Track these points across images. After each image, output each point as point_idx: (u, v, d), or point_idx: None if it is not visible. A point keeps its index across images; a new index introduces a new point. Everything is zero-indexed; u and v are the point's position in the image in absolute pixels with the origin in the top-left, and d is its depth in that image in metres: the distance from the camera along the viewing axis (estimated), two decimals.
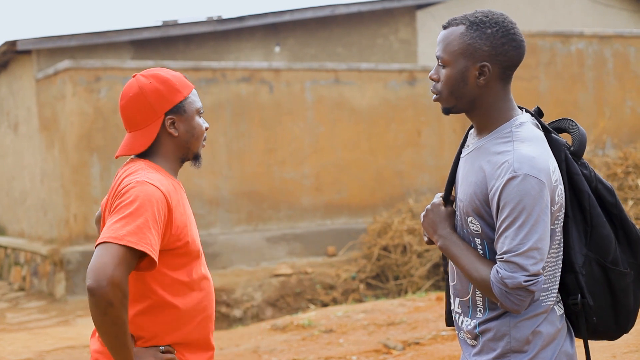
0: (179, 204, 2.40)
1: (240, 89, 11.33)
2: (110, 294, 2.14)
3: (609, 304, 2.17)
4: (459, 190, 2.21)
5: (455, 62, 2.15)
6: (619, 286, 2.16)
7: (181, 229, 2.38)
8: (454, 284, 2.26)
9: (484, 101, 2.17)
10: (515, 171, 2.03)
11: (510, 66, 2.15)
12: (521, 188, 2.02)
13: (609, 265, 2.15)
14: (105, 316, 2.16)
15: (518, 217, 2.02)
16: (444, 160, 12.30)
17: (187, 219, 2.44)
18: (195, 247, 2.45)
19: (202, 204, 11.06)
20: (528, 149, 2.07)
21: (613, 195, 2.20)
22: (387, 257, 10.48)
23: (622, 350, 4.83)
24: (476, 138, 2.23)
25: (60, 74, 10.75)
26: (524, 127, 2.14)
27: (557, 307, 2.17)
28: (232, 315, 9.92)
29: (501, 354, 2.13)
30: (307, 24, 13.39)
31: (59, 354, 7.32)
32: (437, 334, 6.30)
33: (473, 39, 2.13)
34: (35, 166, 12.03)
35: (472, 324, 2.19)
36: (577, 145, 2.18)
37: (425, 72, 12.41)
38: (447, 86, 2.17)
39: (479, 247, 2.15)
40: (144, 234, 2.22)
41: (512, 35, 2.13)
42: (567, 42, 12.44)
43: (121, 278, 2.16)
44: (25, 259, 12.05)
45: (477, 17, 2.15)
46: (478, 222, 2.13)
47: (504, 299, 2.04)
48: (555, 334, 2.14)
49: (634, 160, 9.91)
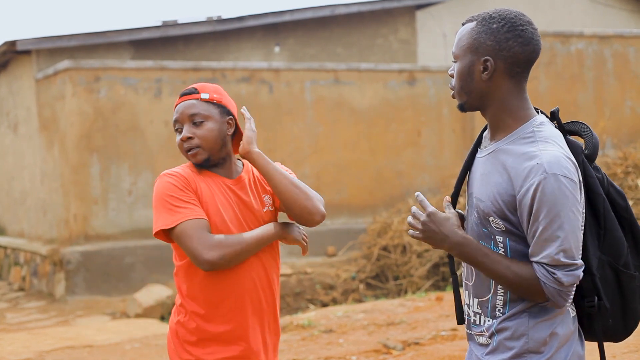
0: (204, 190, 2.66)
1: (240, 89, 11.33)
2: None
3: (619, 307, 2.18)
4: (478, 191, 2.19)
5: (463, 57, 2.17)
6: (629, 289, 2.17)
7: (201, 202, 2.64)
8: (473, 284, 2.25)
9: (493, 97, 2.16)
10: (547, 172, 2.02)
11: (516, 62, 2.13)
12: (555, 188, 2.02)
13: (620, 268, 2.16)
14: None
15: (554, 218, 2.02)
16: (443, 160, 12.29)
17: (209, 202, 2.65)
18: (213, 229, 2.62)
19: None
20: (554, 148, 2.07)
21: (624, 199, 2.20)
22: (386, 257, 10.48)
23: (622, 350, 4.83)
24: (493, 139, 2.21)
25: (60, 74, 10.75)
26: (545, 127, 2.13)
27: (571, 309, 2.18)
28: None
29: (518, 353, 2.14)
30: (307, 24, 13.39)
31: (58, 354, 7.32)
32: (436, 334, 6.30)
33: (479, 33, 2.14)
34: (35, 166, 12.03)
35: (491, 323, 2.19)
36: (591, 149, 2.17)
37: (424, 72, 12.41)
38: (457, 81, 2.19)
39: (500, 243, 2.15)
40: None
41: (518, 31, 2.12)
42: (567, 42, 12.44)
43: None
44: (25, 259, 12.05)
45: (489, 13, 2.16)
46: (501, 221, 2.13)
47: (557, 298, 2.07)
48: (569, 335, 2.16)
49: (633, 160, 9.91)
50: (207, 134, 2.67)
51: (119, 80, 10.71)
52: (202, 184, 2.66)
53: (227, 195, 2.69)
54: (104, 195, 10.65)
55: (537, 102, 12.20)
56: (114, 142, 10.68)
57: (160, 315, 9.60)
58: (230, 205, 2.68)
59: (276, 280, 2.78)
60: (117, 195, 10.70)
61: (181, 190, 2.60)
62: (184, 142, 2.67)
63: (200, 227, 2.55)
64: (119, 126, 10.71)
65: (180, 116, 2.69)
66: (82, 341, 7.86)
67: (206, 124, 2.67)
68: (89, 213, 10.57)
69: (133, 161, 10.77)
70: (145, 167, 10.82)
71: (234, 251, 2.56)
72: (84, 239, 10.57)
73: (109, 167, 10.66)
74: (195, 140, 2.66)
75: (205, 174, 2.70)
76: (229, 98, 2.79)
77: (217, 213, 2.63)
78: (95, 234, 10.61)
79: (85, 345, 7.62)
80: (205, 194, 2.64)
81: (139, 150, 10.79)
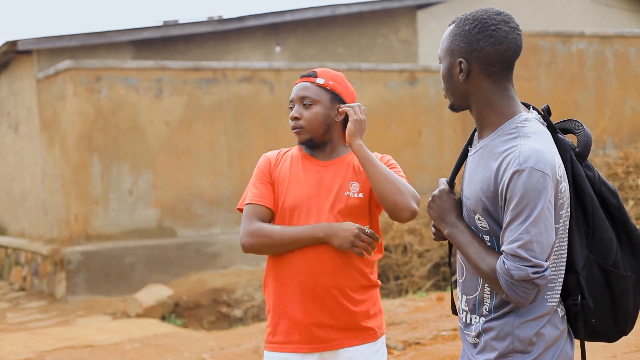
0: (283, 167, 2.92)
1: (240, 89, 11.33)
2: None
3: (609, 307, 2.16)
4: (466, 189, 2.22)
5: (444, 59, 2.22)
6: (618, 289, 2.16)
7: (277, 181, 2.89)
8: (463, 281, 2.26)
9: (474, 97, 2.19)
10: (521, 165, 2.03)
11: (490, 62, 2.14)
12: (526, 181, 2.02)
13: (609, 268, 2.15)
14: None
15: (523, 210, 2.02)
16: (444, 160, 12.29)
17: (288, 180, 2.88)
18: (286, 202, 2.84)
19: (202, 204, 11.07)
20: (533, 143, 2.07)
21: (617, 198, 2.19)
22: (387, 257, 10.48)
23: (623, 350, 4.83)
24: (480, 137, 2.23)
25: (60, 74, 10.75)
26: (529, 123, 2.14)
27: (560, 308, 2.17)
28: (232, 315, 9.92)
29: (503, 353, 2.13)
30: (307, 24, 13.39)
31: (59, 354, 7.32)
32: (437, 334, 6.29)
33: (455, 36, 2.18)
34: (35, 166, 12.03)
35: (478, 321, 2.20)
36: (582, 147, 2.17)
37: (425, 72, 12.41)
38: (443, 82, 2.25)
39: (488, 244, 2.16)
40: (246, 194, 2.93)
41: (490, 31, 2.13)
42: (568, 42, 12.44)
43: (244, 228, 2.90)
44: (25, 259, 12.05)
45: (465, 15, 2.19)
46: (485, 219, 2.14)
47: (509, 291, 2.05)
48: (557, 337, 2.15)
49: (634, 160, 9.91)
50: (312, 117, 2.86)
51: (119, 80, 10.71)
52: (287, 165, 2.91)
53: (312, 176, 2.87)
54: (105, 195, 10.65)
55: (537, 102, 12.19)
56: (114, 142, 10.68)
57: (161, 315, 9.61)
58: (312, 186, 2.85)
59: (347, 270, 2.83)
60: (118, 195, 10.70)
61: (260, 174, 2.91)
62: (291, 120, 2.90)
63: (251, 212, 2.85)
64: (119, 126, 10.71)
65: (295, 96, 2.90)
66: (83, 341, 7.86)
67: (314, 108, 2.86)
68: (89, 213, 10.57)
69: (134, 161, 10.77)
70: (145, 167, 10.82)
71: (264, 242, 2.80)
72: (85, 239, 10.57)
73: (110, 167, 10.66)
74: (301, 122, 2.87)
75: (301, 155, 2.94)
76: (347, 87, 2.95)
77: (293, 193, 2.84)
78: (96, 234, 10.61)
79: (85, 345, 7.62)
80: (284, 175, 2.88)
81: (140, 150, 10.79)
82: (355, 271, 2.84)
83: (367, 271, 2.87)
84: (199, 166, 11.06)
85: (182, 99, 11.02)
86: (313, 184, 2.86)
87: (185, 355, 6.88)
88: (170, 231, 10.94)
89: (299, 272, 2.81)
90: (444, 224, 2.23)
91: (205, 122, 11.13)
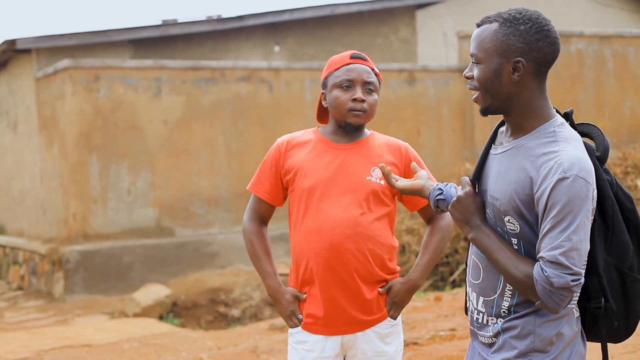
0: (300, 150, 2.93)
1: (239, 88, 11.32)
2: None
3: (622, 309, 2.18)
4: (493, 188, 2.18)
5: (488, 60, 2.14)
6: (633, 292, 2.17)
7: (292, 167, 2.91)
8: (478, 283, 2.24)
9: (519, 99, 2.15)
10: (566, 172, 2.02)
11: (544, 62, 2.13)
12: (571, 189, 2.01)
13: (626, 271, 2.16)
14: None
15: (565, 217, 2.01)
16: (443, 160, 12.29)
17: (308, 162, 2.89)
18: (304, 184, 2.87)
19: (200, 204, 11.06)
20: (574, 150, 2.06)
21: (631, 202, 2.20)
22: None
23: (621, 350, 4.82)
24: (512, 136, 2.20)
25: (59, 73, 10.75)
26: (565, 128, 2.13)
27: (575, 309, 2.18)
28: (230, 314, 9.92)
29: (523, 352, 2.13)
30: (306, 24, 13.38)
31: (57, 353, 7.32)
32: (435, 334, 6.29)
33: (506, 35, 2.12)
34: (34, 165, 12.02)
35: (495, 322, 2.19)
36: (602, 152, 2.17)
37: (425, 72, 12.40)
38: (482, 84, 2.16)
39: (515, 246, 2.14)
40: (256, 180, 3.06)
41: (546, 31, 2.12)
42: (567, 42, 12.44)
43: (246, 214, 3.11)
44: (23, 258, 12.04)
45: (510, 14, 2.15)
46: (517, 222, 2.12)
47: (546, 298, 2.04)
48: (573, 336, 2.16)
49: (633, 161, 9.91)
50: (373, 104, 2.89)
51: (118, 80, 10.70)
52: (304, 148, 2.91)
53: (330, 159, 2.88)
54: (103, 195, 10.65)
55: None
56: (113, 142, 10.67)
57: (159, 315, 9.60)
58: (329, 168, 2.87)
59: (368, 253, 2.86)
60: (117, 194, 10.69)
61: (267, 162, 2.98)
62: (355, 101, 2.85)
63: (253, 206, 3.04)
64: (118, 125, 10.71)
65: (358, 77, 2.87)
66: (81, 340, 7.85)
67: (374, 95, 2.89)
68: (88, 212, 10.57)
69: (132, 160, 10.76)
70: (144, 167, 10.81)
71: (246, 245, 3.06)
72: (83, 238, 10.56)
73: (108, 167, 10.66)
74: (365, 105, 2.85)
75: (318, 137, 2.93)
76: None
77: (312, 174, 2.86)
78: (94, 233, 10.60)
79: (83, 345, 7.62)
80: (297, 161, 2.89)
81: (139, 149, 10.78)
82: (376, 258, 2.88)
83: (385, 257, 2.90)
84: (197, 165, 11.06)
85: (180, 98, 11.01)
86: (333, 167, 2.87)
87: (183, 355, 6.87)
88: (169, 231, 10.93)
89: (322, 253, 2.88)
90: (468, 227, 2.19)
91: (204, 122, 11.12)
